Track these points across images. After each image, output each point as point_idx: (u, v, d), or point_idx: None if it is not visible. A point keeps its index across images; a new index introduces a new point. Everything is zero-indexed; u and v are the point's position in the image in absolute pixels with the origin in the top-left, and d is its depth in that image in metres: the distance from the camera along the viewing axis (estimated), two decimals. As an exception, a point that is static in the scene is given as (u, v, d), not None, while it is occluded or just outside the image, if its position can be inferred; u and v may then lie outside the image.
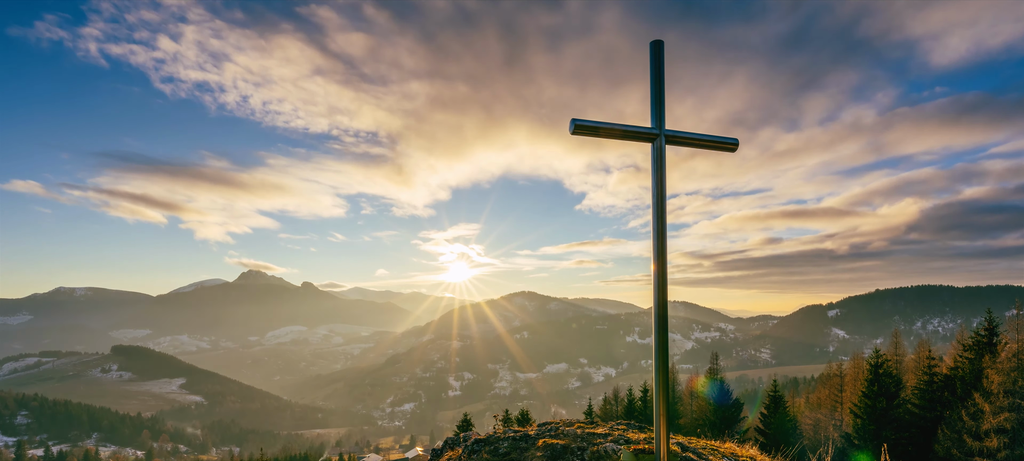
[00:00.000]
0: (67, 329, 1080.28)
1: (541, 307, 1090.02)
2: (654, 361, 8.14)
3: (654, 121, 8.20)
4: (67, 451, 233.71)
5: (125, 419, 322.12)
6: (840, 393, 68.04)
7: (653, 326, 8.22)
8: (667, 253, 8.24)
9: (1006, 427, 38.36)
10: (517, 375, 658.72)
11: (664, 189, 8.22)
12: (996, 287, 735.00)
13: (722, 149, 8.75)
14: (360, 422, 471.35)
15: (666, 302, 8.14)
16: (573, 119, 7.49)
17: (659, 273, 8.09)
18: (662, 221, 8.17)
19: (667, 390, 8.20)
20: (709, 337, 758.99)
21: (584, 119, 7.55)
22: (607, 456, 10.97)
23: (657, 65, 8.16)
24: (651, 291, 8.05)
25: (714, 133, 8.71)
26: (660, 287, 8.06)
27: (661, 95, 8.21)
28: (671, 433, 13.47)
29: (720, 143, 8.67)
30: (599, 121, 7.68)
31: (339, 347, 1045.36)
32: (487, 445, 12.49)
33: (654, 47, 8.18)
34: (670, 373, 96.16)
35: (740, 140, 8.98)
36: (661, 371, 8.05)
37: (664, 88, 8.28)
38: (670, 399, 7.60)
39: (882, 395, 49.09)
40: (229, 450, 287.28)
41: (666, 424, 8.24)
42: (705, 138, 8.58)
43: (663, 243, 8.14)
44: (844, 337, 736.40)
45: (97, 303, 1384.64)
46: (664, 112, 8.25)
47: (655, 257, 8.15)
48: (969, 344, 48.30)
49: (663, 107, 8.25)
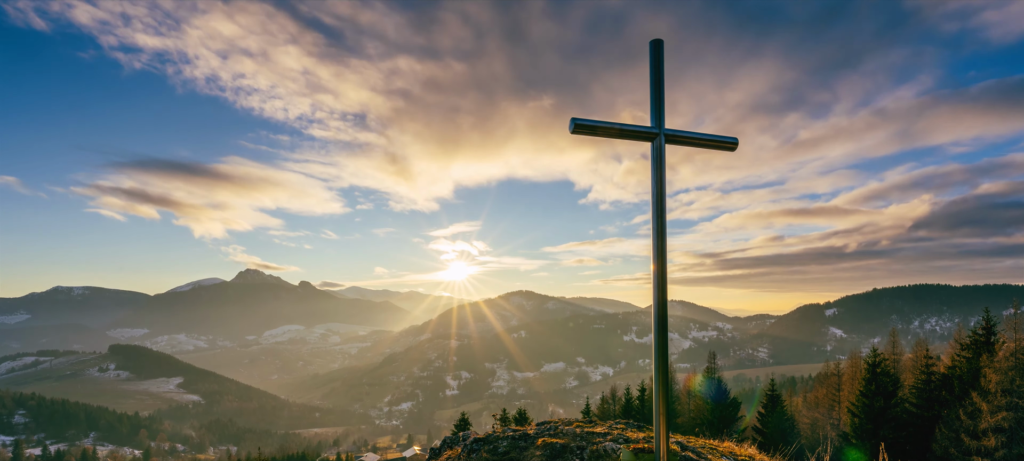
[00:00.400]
0: (65, 328, 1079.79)
1: (539, 306, 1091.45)
2: (654, 361, 8.16)
3: (654, 120, 8.21)
4: (65, 450, 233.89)
5: (122, 418, 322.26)
6: (838, 392, 68.05)
7: (653, 326, 8.24)
8: (667, 253, 8.25)
9: (1004, 426, 38.41)
10: (515, 374, 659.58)
11: (664, 188, 8.23)
12: (994, 286, 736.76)
13: (722, 148, 8.81)
14: (357, 421, 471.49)
15: (666, 302, 8.16)
16: (573, 118, 7.51)
17: (659, 273, 8.09)
18: (662, 220, 8.17)
19: (667, 390, 8.21)
20: (706, 336, 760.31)
21: (584, 118, 7.59)
22: (606, 455, 10.97)
23: (656, 64, 8.17)
24: (650, 290, 8.06)
25: (716, 131, 8.79)
26: (660, 287, 8.06)
27: (661, 94, 8.22)
28: (670, 432, 13.47)
29: (720, 142, 8.71)
30: (599, 120, 7.71)
31: (336, 346, 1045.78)
32: (486, 444, 12.51)
33: (654, 46, 8.19)
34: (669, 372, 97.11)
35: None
36: (661, 371, 8.07)
37: (664, 87, 8.30)
38: (670, 399, 7.57)
39: (880, 394, 49.14)
40: (226, 449, 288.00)
41: (666, 423, 8.25)
42: (705, 137, 8.63)
43: (663, 243, 8.14)
44: (842, 336, 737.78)
45: (95, 302, 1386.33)
46: (664, 111, 8.25)
47: (655, 257, 8.16)
48: (967, 343, 48.34)
49: (663, 106, 8.27)
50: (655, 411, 8.28)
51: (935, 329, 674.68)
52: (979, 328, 47.36)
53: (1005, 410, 38.42)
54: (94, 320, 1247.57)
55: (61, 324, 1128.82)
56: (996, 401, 38.79)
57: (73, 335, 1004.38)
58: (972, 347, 46.89)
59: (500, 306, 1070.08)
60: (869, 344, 79.05)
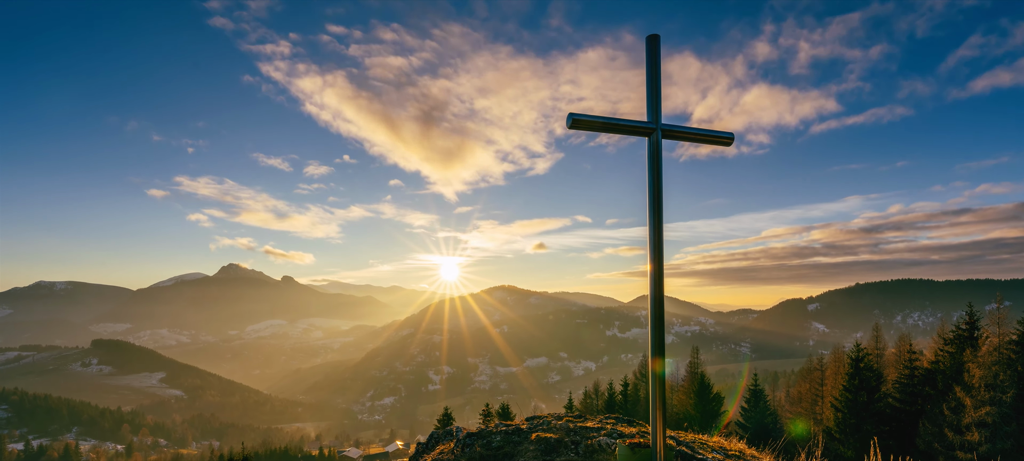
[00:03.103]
0: (47, 323, 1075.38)
1: (521, 301, 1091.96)
2: (650, 358, 8.20)
3: (650, 115, 8.29)
4: (47, 445, 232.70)
5: (105, 413, 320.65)
6: (821, 387, 68.55)
7: (649, 323, 8.27)
8: (664, 251, 8.24)
9: (987, 421, 38.69)
10: (497, 369, 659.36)
11: (661, 185, 8.26)
12: (976, 281, 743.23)
13: (718, 143, 8.87)
14: (340, 416, 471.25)
15: (662, 299, 8.20)
16: (570, 113, 7.58)
17: (655, 272, 8.11)
18: (659, 217, 8.18)
19: (664, 386, 8.25)
20: (689, 331, 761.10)
21: (581, 113, 7.63)
22: (602, 450, 10.92)
23: (653, 60, 8.27)
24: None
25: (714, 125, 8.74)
26: (656, 284, 8.08)
27: (657, 89, 8.32)
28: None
29: (716, 137, 8.76)
30: (596, 115, 7.80)
31: (319, 341, 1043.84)
32: (480, 439, 12.46)
33: (650, 42, 8.30)
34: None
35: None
36: (658, 367, 8.03)
37: (660, 82, 8.36)
38: (664, 394, 7.56)
39: (863, 389, 49.38)
40: (209, 444, 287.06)
41: (663, 419, 8.28)
42: (701, 132, 8.74)
43: (660, 240, 8.16)
44: (824, 331, 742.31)
45: (77, 297, 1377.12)
46: (660, 105, 8.33)
47: (651, 256, 8.19)
48: (950, 338, 48.69)
49: (659, 101, 8.35)
50: (651, 407, 8.31)
51: (917, 324, 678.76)
52: (962, 323, 47.64)
53: (988, 405, 38.70)
54: (77, 315, 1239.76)
55: (43, 319, 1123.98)
56: (979, 396, 39.05)
57: (55, 330, 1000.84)
58: (955, 342, 47.22)
59: (482, 301, 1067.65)
60: (852, 339, 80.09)
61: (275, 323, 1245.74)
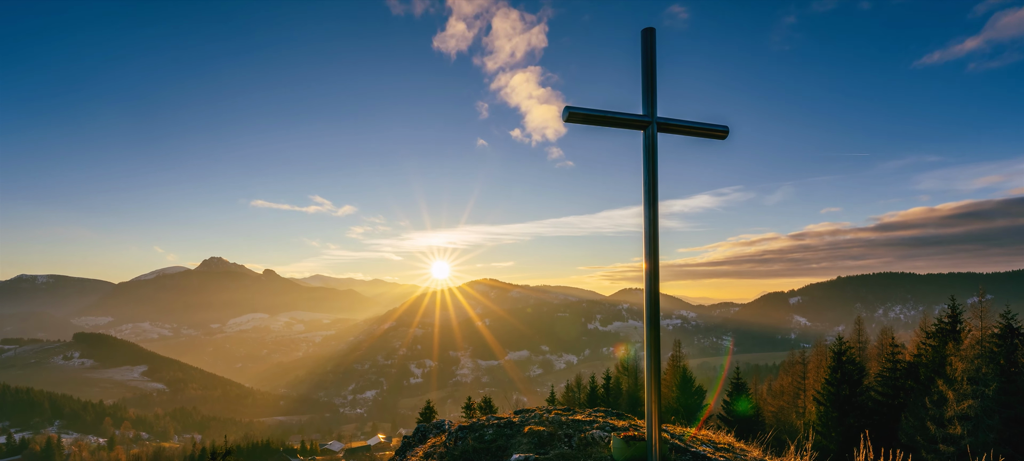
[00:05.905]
0: (28, 316, 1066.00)
1: (503, 295, 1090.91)
2: (646, 354, 8.35)
3: (645, 108, 8.32)
4: (29, 438, 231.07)
5: (87, 406, 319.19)
6: (803, 380, 68.71)
7: (644, 318, 8.38)
8: (659, 248, 8.27)
9: (969, 414, 38.92)
10: (479, 362, 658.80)
11: (656, 180, 8.29)
12: (958, 274, 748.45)
13: (713, 136, 8.91)
14: (322, 410, 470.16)
15: (658, 296, 8.25)
16: (566, 106, 7.60)
17: (651, 271, 8.18)
18: (654, 211, 8.21)
19: (659, 381, 8.31)
20: (671, 325, 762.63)
21: (577, 106, 7.65)
22: (595, 443, 10.91)
23: (648, 53, 8.32)
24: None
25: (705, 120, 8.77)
26: (652, 282, 8.12)
27: (653, 82, 8.38)
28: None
29: (711, 130, 8.76)
30: (592, 108, 7.80)
31: (301, 335, 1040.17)
32: (472, 432, 12.43)
33: (645, 35, 8.36)
34: (640, 362, 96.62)
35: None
36: (653, 361, 8.22)
37: (656, 75, 8.39)
38: (659, 389, 7.70)
39: (845, 382, 49.66)
40: (191, 437, 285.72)
41: (658, 412, 8.34)
42: (697, 125, 8.76)
43: (655, 237, 8.19)
44: (806, 324, 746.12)
45: (58, 291, 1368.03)
46: (656, 99, 8.39)
47: (647, 254, 8.26)
48: (932, 331, 48.88)
49: (655, 94, 8.39)
50: (647, 400, 8.38)
51: (900, 317, 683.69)
52: (945, 316, 47.85)
53: (971, 398, 38.92)
54: (58, 308, 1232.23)
55: (25, 312, 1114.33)
56: (962, 389, 39.28)
57: (37, 323, 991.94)
58: (938, 335, 47.41)
59: (464, 294, 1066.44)
60: (834, 332, 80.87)
61: (257, 317, 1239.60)
